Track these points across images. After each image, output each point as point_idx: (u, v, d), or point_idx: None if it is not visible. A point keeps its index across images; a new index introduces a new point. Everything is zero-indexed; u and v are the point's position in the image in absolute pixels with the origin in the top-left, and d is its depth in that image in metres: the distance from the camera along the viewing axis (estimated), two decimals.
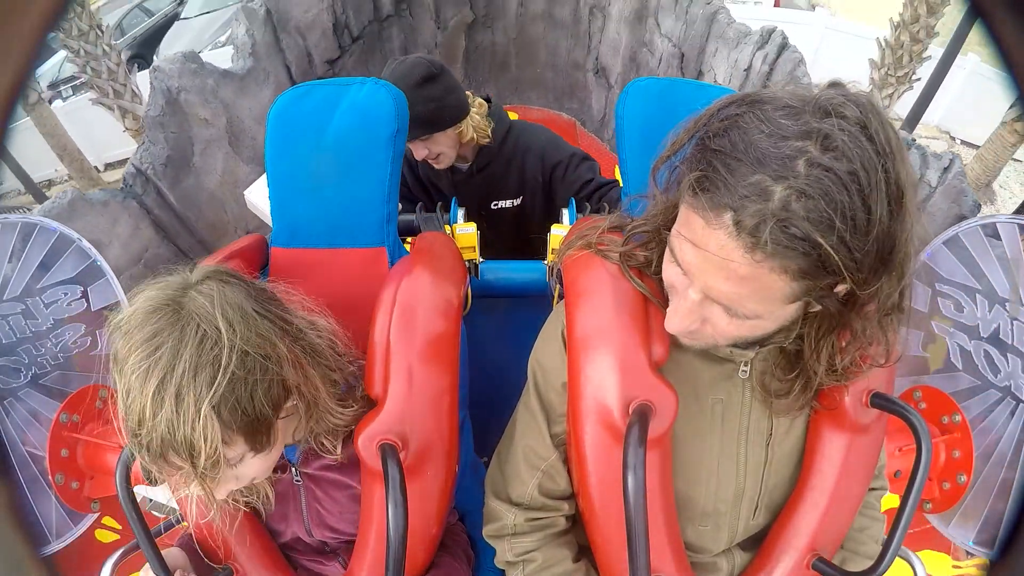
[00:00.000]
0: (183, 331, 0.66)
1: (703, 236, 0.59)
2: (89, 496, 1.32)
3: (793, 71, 2.66)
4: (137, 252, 2.77)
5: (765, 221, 0.54)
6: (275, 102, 1.08)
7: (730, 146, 0.57)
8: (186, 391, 0.65)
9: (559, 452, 0.85)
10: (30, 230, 1.41)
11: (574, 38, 4.03)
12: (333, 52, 3.56)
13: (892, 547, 0.75)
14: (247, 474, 0.75)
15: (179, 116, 2.85)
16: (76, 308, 1.45)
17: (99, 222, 2.55)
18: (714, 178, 0.57)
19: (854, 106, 0.56)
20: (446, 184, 1.68)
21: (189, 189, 2.95)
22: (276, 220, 1.08)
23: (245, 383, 0.69)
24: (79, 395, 1.34)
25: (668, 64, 3.46)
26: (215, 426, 0.66)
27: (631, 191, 1.04)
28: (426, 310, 0.87)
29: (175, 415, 0.65)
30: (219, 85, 2.96)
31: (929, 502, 1.31)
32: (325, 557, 0.96)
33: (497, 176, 1.65)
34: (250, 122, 3.17)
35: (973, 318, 1.36)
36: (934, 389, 1.34)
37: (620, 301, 0.77)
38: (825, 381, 0.75)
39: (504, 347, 1.35)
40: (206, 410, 0.65)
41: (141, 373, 0.65)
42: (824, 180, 0.53)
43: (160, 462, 0.67)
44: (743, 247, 0.56)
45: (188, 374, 0.65)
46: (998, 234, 1.34)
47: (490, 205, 1.69)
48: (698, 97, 1.02)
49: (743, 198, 0.55)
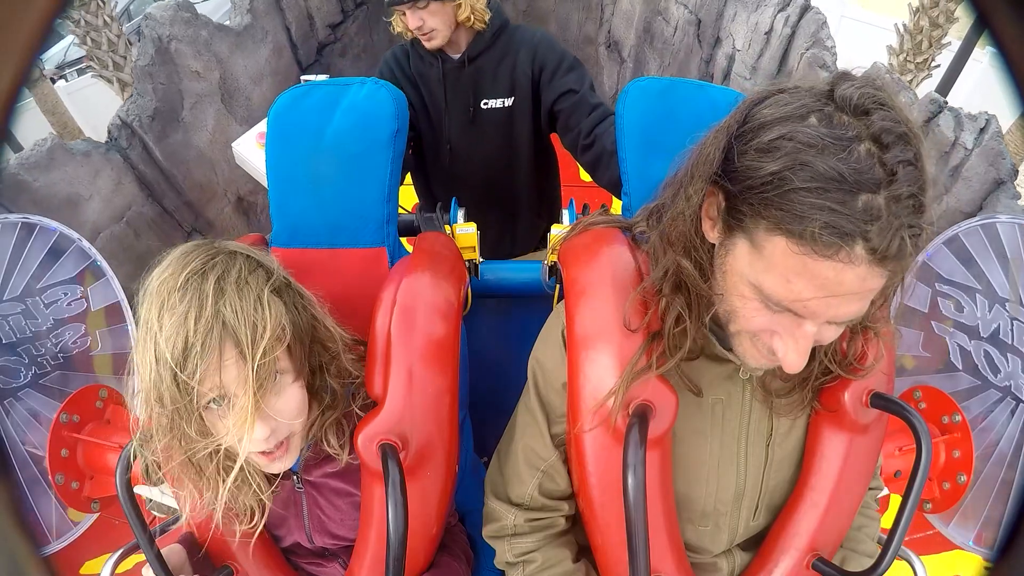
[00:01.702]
0: (226, 260, 0.71)
1: (837, 275, 0.56)
2: (89, 496, 1.32)
3: (817, 33, 2.52)
4: (119, 209, 2.60)
5: (896, 233, 0.54)
6: (275, 102, 1.08)
7: (809, 179, 0.55)
8: (245, 283, 0.70)
9: (559, 452, 0.85)
10: (30, 230, 1.41)
11: (586, 11, 3.93)
12: (336, 16, 3.45)
13: (892, 547, 0.75)
14: (285, 408, 0.75)
15: (169, 67, 2.68)
16: (76, 308, 1.45)
17: (79, 173, 2.39)
18: (818, 218, 0.55)
19: (872, 91, 0.57)
20: (435, 76, 1.60)
21: (176, 145, 2.78)
22: (276, 220, 1.08)
23: (289, 302, 0.75)
24: (79, 395, 1.34)
25: (684, 32, 3.35)
26: (279, 307, 0.71)
27: (631, 191, 1.04)
28: (426, 310, 0.87)
29: (238, 299, 0.68)
30: (213, 38, 2.81)
31: (929, 502, 1.31)
32: (325, 560, 0.96)
33: (488, 70, 1.59)
34: (245, 81, 3.01)
35: (973, 318, 1.36)
36: (934, 389, 1.34)
37: (620, 301, 0.77)
38: (830, 369, 0.76)
39: (504, 347, 1.35)
40: (268, 295, 0.70)
41: (194, 285, 0.67)
42: (907, 173, 0.55)
43: (211, 360, 0.67)
44: (880, 267, 0.56)
45: (245, 269, 0.71)
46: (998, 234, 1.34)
47: (481, 104, 1.62)
48: (698, 97, 1.02)
49: (863, 223, 0.54)
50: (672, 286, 0.73)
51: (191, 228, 2.93)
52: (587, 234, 0.87)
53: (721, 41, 3.14)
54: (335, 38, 3.47)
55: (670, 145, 0.76)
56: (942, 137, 2.14)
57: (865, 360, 0.76)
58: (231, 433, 0.70)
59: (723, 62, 3.12)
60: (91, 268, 1.46)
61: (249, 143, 1.62)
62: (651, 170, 0.97)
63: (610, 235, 0.85)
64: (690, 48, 3.36)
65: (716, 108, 0.97)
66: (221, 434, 0.72)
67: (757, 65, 2.87)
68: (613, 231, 0.86)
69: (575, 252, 0.86)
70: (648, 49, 3.68)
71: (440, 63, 1.58)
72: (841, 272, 0.56)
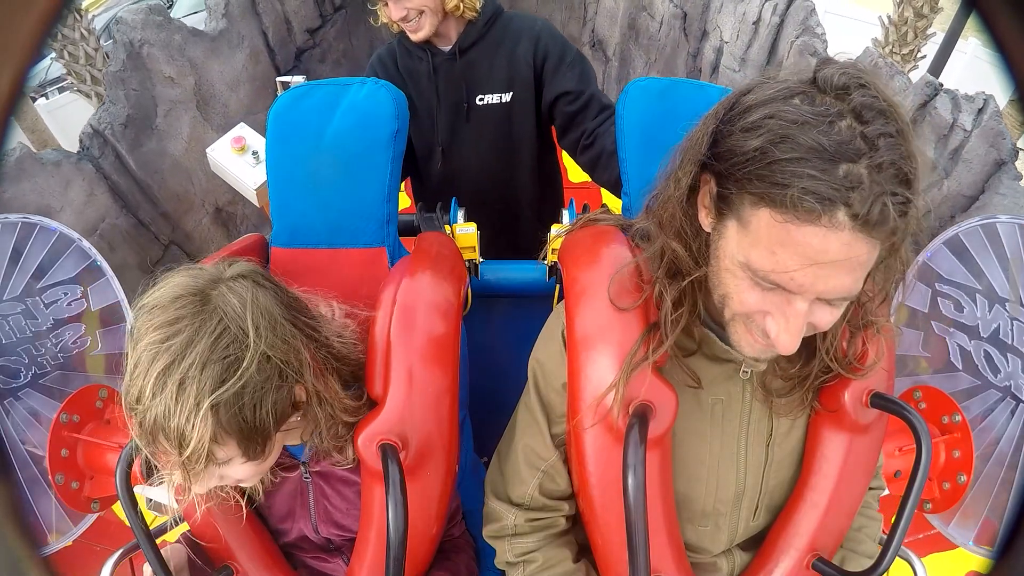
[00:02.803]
0: (203, 324, 0.67)
1: (822, 243, 0.57)
2: (89, 496, 1.32)
3: (806, 20, 2.51)
4: (92, 221, 2.50)
5: (877, 199, 0.55)
6: (275, 102, 1.08)
7: (789, 150, 0.56)
8: (190, 383, 0.65)
9: (559, 452, 0.85)
10: (30, 230, 1.41)
11: (569, 10, 3.90)
12: (314, 21, 3.39)
13: (892, 547, 0.75)
14: (233, 476, 0.74)
15: (141, 72, 2.59)
16: (76, 308, 1.45)
17: (50, 184, 2.31)
18: (797, 184, 0.56)
19: (854, 72, 0.58)
20: (425, 71, 1.48)
21: (150, 153, 2.69)
22: (276, 220, 1.08)
23: (256, 391, 0.69)
24: (79, 395, 1.34)
25: (670, 27, 3.32)
26: (208, 424, 0.66)
27: (631, 191, 1.04)
28: (426, 310, 0.87)
29: (173, 402, 0.65)
30: (187, 43, 2.73)
31: (929, 502, 1.31)
32: (329, 555, 0.96)
33: (482, 62, 1.46)
34: (221, 87, 2.93)
35: (973, 318, 1.36)
36: (934, 389, 1.34)
37: (620, 300, 0.77)
38: (830, 368, 0.76)
39: (504, 347, 1.35)
40: (205, 407, 0.65)
41: (152, 353, 0.66)
42: (889, 143, 0.55)
43: (149, 439, 0.68)
44: (865, 234, 0.56)
45: (196, 367, 0.65)
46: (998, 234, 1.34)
47: (476, 100, 1.49)
48: (698, 97, 1.02)
49: (847, 190, 0.55)
50: (667, 272, 0.74)
51: (168, 241, 2.86)
52: (587, 235, 0.87)
53: (708, 34, 3.11)
54: (314, 43, 3.42)
55: (670, 145, 0.76)
56: (940, 120, 2.09)
57: (866, 359, 0.76)
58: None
59: (711, 55, 3.10)
60: (90, 268, 1.46)
61: (224, 149, 1.58)
62: (651, 170, 0.97)
63: (610, 235, 0.85)
64: (676, 43, 3.34)
65: None
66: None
67: (746, 56, 2.84)
68: (613, 231, 0.86)
69: (575, 252, 0.86)
70: (633, 46, 3.66)
71: (429, 56, 1.46)
72: (825, 239, 0.56)
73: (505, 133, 1.54)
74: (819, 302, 0.62)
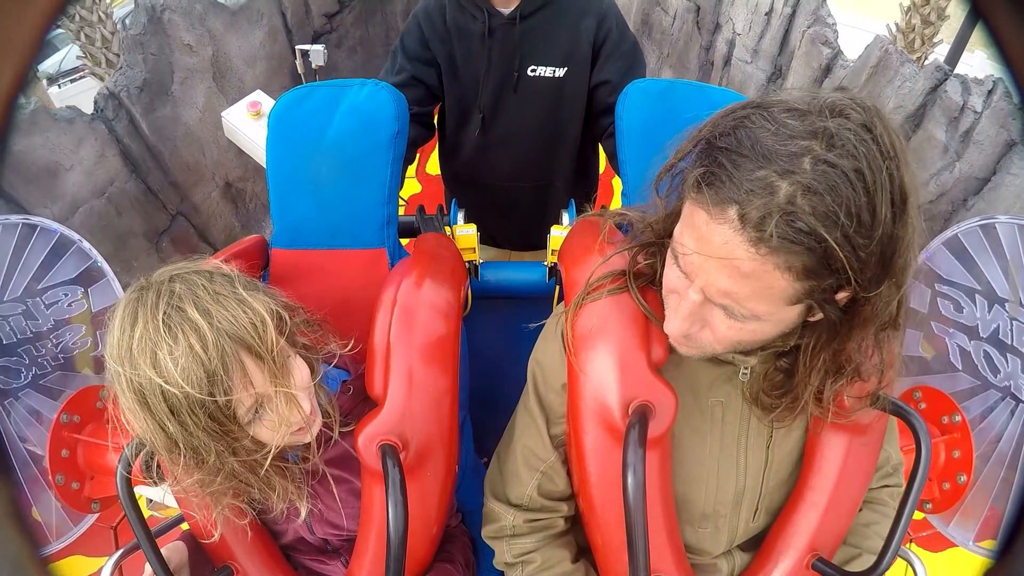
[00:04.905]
0: (182, 285, 0.69)
1: (707, 231, 0.58)
2: (89, 496, 1.32)
3: (817, 10, 2.52)
4: (101, 184, 2.48)
5: (771, 214, 0.54)
6: (275, 104, 1.08)
7: (736, 143, 0.57)
8: (217, 289, 0.69)
9: (558, 453, 0.85)
10: (31, 231, 1.41)
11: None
12: (332, 6, 3.41)
13: (892, 547, 0.75)
14: (302, 379, 0.76)
15: (160, 37, 2.59)
16: (77, 309, 1.45)
17: (61, 141, 2.29)
18: (719, 173, 0.57)
19: (859, 109, 0.56)
20: (479, 31, 1.37)
21: (164, 120, 2.68)
22: (277, 222, 1.08)
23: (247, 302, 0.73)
24: (79, 395, 1.34)
25: (683, 20, 3.33)
26: (258, 296, 0.71)
27: (631, 191, 1.04)
28: (426, 311, 0.87)
29: (224, 309, 0.68)
30: (208, 13, 2.73)
31: (929, 502, 1.31)
32: (327, 556, 0.96)
33: (542, 32, 1.36)
34: (238, 61, 2.94)
35: (973, 318, 1.36)
36: (934, 389, 1.34)
37: (620, 301, 0.77)
38: (812, 410, 0.74)
39: (504, 348, 1.35)
40: (243, 292, 0.70)
41: (177, 320, 0.66)
42: (830, 175, 0.53)
43: (236, 375, 0.68)
44: (747, 241, 0.56)
45: (204, 282, 0.70)
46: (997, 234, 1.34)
47: (526, 70, 1.40)
48: (698, 98, 1.02)
49: (749, 192, 0.54)
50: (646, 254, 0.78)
51: (176, 211, 2.83)
52: (587, 235, 0.88)
53: (721, 27, 3.13)
54: (331, 28, 3.42)
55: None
56: (950, 102, 2.11)
57: (844, 408, 0.75)
58: (279, 429, 0.72)
59: (723, 48, 3.11)
60: (91, 269, 1.46)
61: (239, 113, 1.54)
62: (651, 171, 0.98)
63: (609, 235, 0.85)
64: (689, 36, 3.35)
65: (715, 109, 0.97)
66: (266, 436, 0.74)
67: (758, 47, 2.86)
68: (612, 231, 0.86)
69: (575, 253, 0.86)
70: (647, 41, 3.67)
71: (487, 17, 1.36)
72: (711, 229, 0.58)
73: (553, 109, 1.46)
74: (712, 305, 0.63)
